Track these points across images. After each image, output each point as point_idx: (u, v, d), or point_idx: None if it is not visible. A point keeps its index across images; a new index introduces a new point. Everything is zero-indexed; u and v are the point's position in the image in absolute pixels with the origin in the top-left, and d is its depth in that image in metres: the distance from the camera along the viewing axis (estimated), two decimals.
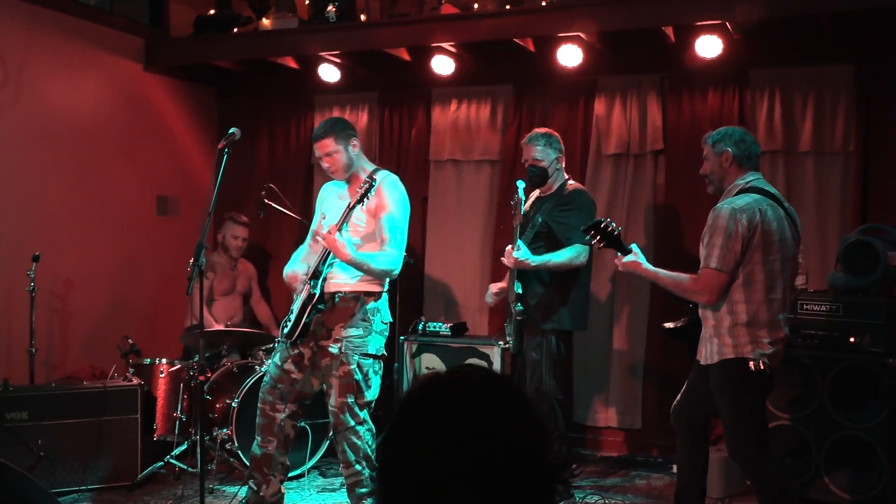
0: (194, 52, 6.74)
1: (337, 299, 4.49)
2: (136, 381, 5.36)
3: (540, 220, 5.00)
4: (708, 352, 3.94)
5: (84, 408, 5.16)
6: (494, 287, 5.37)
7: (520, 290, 4.95)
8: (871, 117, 5.53)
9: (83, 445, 5.12)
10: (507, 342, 5.18)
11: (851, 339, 4.74)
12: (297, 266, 4.65)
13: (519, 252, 4.84)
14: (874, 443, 4.59)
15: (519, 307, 4.94)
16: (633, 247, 4.10)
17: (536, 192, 5.22)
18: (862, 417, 4.66)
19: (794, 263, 3.96)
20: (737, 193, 3.91)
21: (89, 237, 6.20)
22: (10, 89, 5.62)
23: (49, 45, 5.91)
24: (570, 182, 5.21)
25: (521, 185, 5.01)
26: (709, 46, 5.58)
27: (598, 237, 4.06)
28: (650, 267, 4.06)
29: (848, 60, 5.58)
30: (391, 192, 4.52)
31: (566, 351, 5.15)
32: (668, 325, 4.38)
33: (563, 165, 5.22)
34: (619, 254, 4.10)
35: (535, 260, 4.90)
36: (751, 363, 3.79)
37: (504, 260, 4.97)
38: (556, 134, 5.20)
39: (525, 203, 5.07)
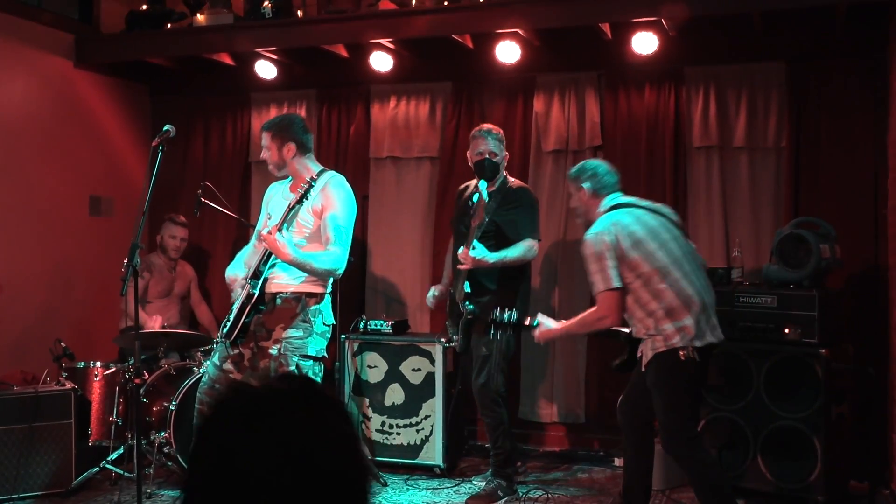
0: (126, 48, 6.63)
1: (278, 300, 4.48)
2: (69, 385, 5.26)
3: (487, 219, 5.03)
4: (644, 355, 4.14)
5: (15, 414, 5.05)
6: (435, 290, 5.45)
7: (469, 290, 5.00)
8: (803, 113, 5.68)
9: (15, 452, 5.01)
10: (451, 340, 5.23)
11: (786, 331, 4.87)
12: (239, 268, 4.64)
13: (476, 251, 4.89)
14: (809, 432, 4.75)
15: (469, 306, 4.99)
16: (539, 318, 4.40)
17: (473, 192, 5.26)
18: (797, 408, 4.81)
19: (680, 243, 4.17)
20: (599, 216, 4.24)
21: (18, 238, 6.07)
22: None
23: None
24: (511, 179, 5.29)
25: (483, 185, 5.08)
26: (644, 43, 5.67)
27: (506, 328, 4.50)
28: (559, 325, 4.36)
29: (780, 58, 5.73)
30: (336, 191, 4.52)
31: (515, 346, 5.28)
32: (616, 361, 4.54)
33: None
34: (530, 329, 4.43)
35: (492, 257, 4.96)
36: (681, 352, 3.98)
37: (461, 261, 4.97)
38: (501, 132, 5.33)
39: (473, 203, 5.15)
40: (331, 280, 4.59)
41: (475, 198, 5.16)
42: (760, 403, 4.90)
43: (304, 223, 4.48)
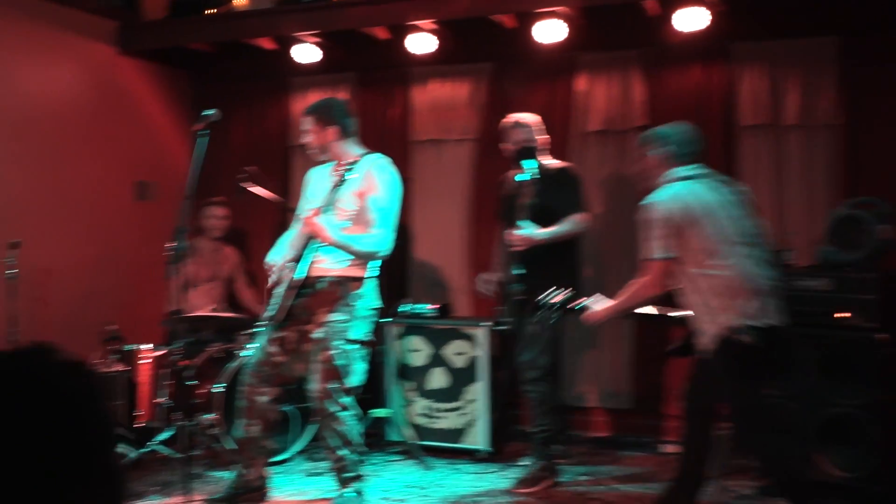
0: (168, 34, 6.72)
1: (321, 284, 4.53)
2: (119, 367, 5.37)
3: (533, 201, 5.05)
4: (699, 337, 4.00)
5: None
6: (487, 276, 5.46)
7: (519, 271, 5.03)
8: (858, 90, 5.59)
9: None
10: (502, 323, 5.28)
11: (842, 315, 4.76)
12: (281, 253, 4.69)
13: (525, 230, 4.93)
14: (865, 420, 4.59)
15: (518, 286, 5.02)
16: (590, 300, 4.30)
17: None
18: (853, 395, 4.64)
19: (741, 224, 4.03)
20: (665, 184, 4.10)
21: (66, 224, 6.20)
22: None
23: (19, 29, 5.88)
24: (551, 161, 5.31)
25: (530, 164, 5.08)
26: (690, 19, 5.61)
27: (554, 309, 4.34)
28: (609, 303, 4.24)
29: (833, 32, 5.63)
30: (379, 174, 4.56)
31: (561, 325, 5.28)
32: (671, 347, 4.46)
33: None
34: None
35: (542, 234, 4.99)
36: (738, 337, 3.83)
37: (511, 243, 5.01)
38: (539, 118, 5.39)
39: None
40: (375, 264, 4.63)
41: (520, 178, 5.15)
42: (815, 390, 4.77)
43: (347, 206, 4.51)
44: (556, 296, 4.34)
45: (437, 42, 6.23)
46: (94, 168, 6.44)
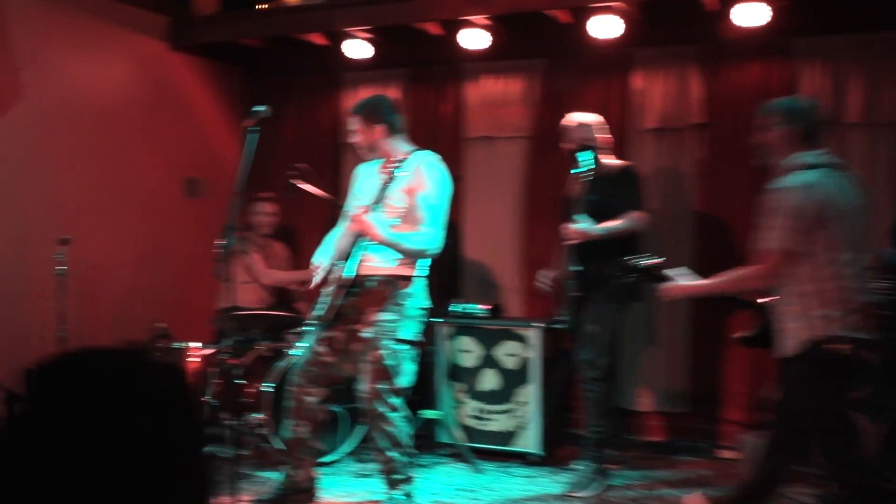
0: (220, 30, 6.75)
1: (370, 283, 4.50)
2: None
3: (592, 199, 5.00)
4: (784, 343, 3.76)
5: None
6: (547, 273, 5.40)
7: (577, 267, 4.99)
8: None
9: None
10: (559, 321, 5.27)
11: None
12: (327, 253, 4.67)
13: (581, 224, 4.90)
14: None
15: (575, 283, 4.99)
16: (677, 271, 3.97)
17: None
18: None
19: (858, 228, 3.77)
20: (793, 170, 3.76)
21: (115, 220, 6.25)
22: (32, 71, 5.64)
23: (72, 24, 5.93)
24: (610, 161, 5.27)
25: (586, 156, 5.04)
26: (750, 14, 5.49)
27: (637, 273, 4.03)
28: (700, 282, 3.93)
29: None
30: (429, 171, 4.51)
31: (620, 324, 5.26)
32: (743, 334, 4.16)
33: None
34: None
35: (598, 229, 4.95)
36: (830, 346, 3.62)
37: (566, 235, 4.99)
38: (601, 118, 5.34)
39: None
40: (425, 263, 4.59)
41: (575, 172, 5.11)
42: (883, 396, 4.65)
43: (396, 203, 4.48)
44: (645, 260, 4.02)
45: (490, 37, 6.17)
46: (145, 164, 6.49)
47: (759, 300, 3.97)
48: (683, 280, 3.95)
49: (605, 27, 5.76)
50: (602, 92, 6.19)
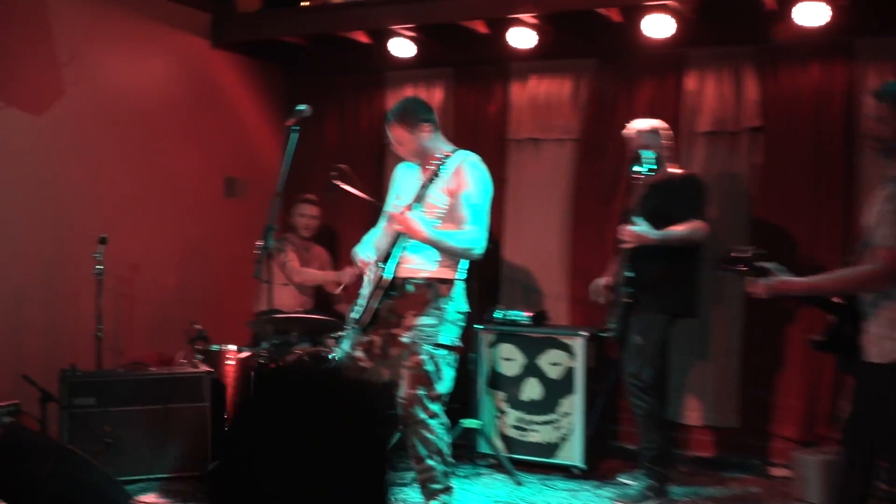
0: (262, 27, 6.77)
1: (409, 286, 4.46)
2: (204, 368, 5.42)
3: (651, 205, 4.94)
4: (882, 349, 3.49)
5: (152, 395, 5.22)
6: (603, 281, 5.35)
7: (630, 273, 4.94)
8: None
9: (151, 433, 5.19)
10: (609, 327, 5.21)
11: None
12: (368, 249, 4.64)
13: (639, 227, 4.85)
14: None
15: (627, 289, 4.94)
16: (773, 267, 3.72)
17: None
18: None
19: None
20: None
21: (155, 220, 6.29)
22: (73, 68, 5.68)
23: (114, 21, 5.98)
24: (675, 170, 5.24)
25: (649, 154, 4.98)
26: (811, 13, 5.39)
27: (742, 267, 3.77)
28: (801, 280, 3.65)
29: None
30: (471, 171, 4.47)
31: (670, 336, 5.18)
32: (817, 338, 3.91)
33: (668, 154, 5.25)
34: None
35: (655, 234, 4.89)
36: None
37: (623, 240, 4.95)
38: (663, 125, 5.27)
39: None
40: (464, 266, 4.55)
41: (636, 169, 5.04)
42: None
43: (437, 203, 4.43)
44: (747, 252, 3.79)
45: (539, 36, 6.13)
46: (185, 163, 6.52)
47: (838, 301, 3.74)
48: (782, 276, 3.68)
49: (658, 26, 5.68)
50: (654, 93, 6.11)
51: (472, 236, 4.39)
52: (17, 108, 5.37)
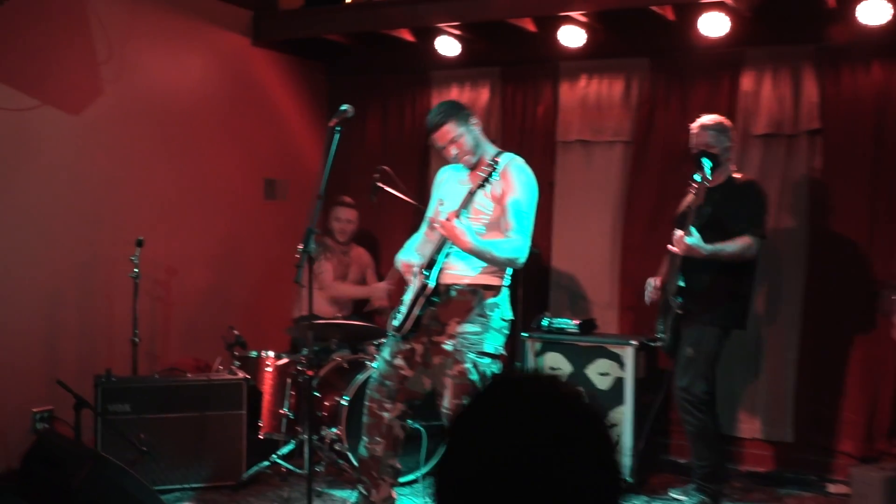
0: (304, 25, 6.78)
1: (453, 292, 4.42)
2: (241, 374, 5.43)
3: (708, 211, 4.87)
4: None
5: (188, 402, 5.24)
6: (655, 281, 5.26)
7: (682, 283, 4.90)
8: None
9: (186, 441, 5.21)
10: (658, 337, 5.15)
11: None
12: (411, 255, 4.61)
13: (692, 238, 4.77)
14: None
15: (679, 300, 4.89)
16: None
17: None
18: None
19: None
20: None
21: (193, 222, 6.31)
22: (112, 65, 5.73)
23: (153, 18, 6.01)
24: (738, 174, 5.15)
25: (707, 163, 4.91)
26: (875, 12, 5.28)
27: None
28: None
29: None
30: (518, 175, 4.41)
31: (722, 349, 5.09)
32: None
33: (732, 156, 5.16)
34: None
35: (707, 248, 4.81)
36: None
37: (673, 246, 4.89)
38: (728, 123, 5.15)
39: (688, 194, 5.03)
40: (509, 272, 4.51)
41: (695, 178, 4.98)
42: None
43: (483, 209, 4.39)
44: None
45: (589, 35, 6.07)
46: (224, 164, 6.55)
47: None
48: None
49: (714, 25, 5.60)
50: (708, 94, 6.02)
51: (517, 245, 4.33)
52: (54, 107, 5.42)
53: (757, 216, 4.99)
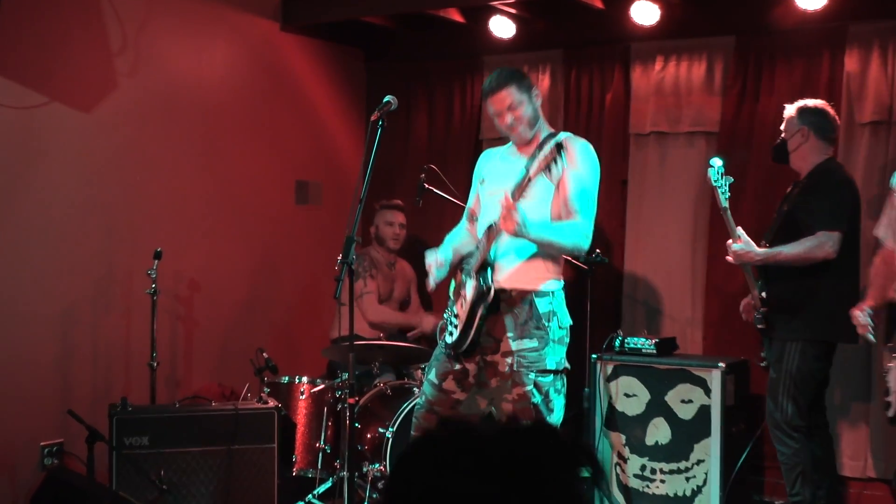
0: (339, 5, 6.82)
1: (506, 301, 4.37)
2: (272, 403, 5.46)
3: (785, 209, 4.85)
4: None
5: (212, 434, 5.27)
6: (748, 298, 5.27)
7: (763, 293, 4.91)
8: None
9: (211, 479, 5.24)
10: (762, 356, 5.22)
11: None
12: (447, 253, 4.56)
13: (739, 244, 4.78)
14: None
15: (761, 314, 4.93)
16: None
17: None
18: None
19: None
20: None
21: (217, 230, 6.37)
22: (128, 56, 5.81)
23: (171, 3, 6.08)
24: (822, 165, 5.10)
25: (716, 162, 4.94)
26: None
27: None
28: None
29: None
30: (582, 152, 4.40)
31: (816, 366, 5.01)
32: None
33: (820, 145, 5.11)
34: None
35: (759, 253, 4.83)
36: None
37: (728, 256, 4.93)
38: (824, 107, 5.13)
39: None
40: (559, 270, 4.48)
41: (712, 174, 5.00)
42: None
43: (541, 194, 4.34)
44: None
45: (665, 11, 6.06)
46: (251, 164, 6.60)
47: None
48: None
49: None
50: (805, 77, 5.97)
51: (582, 230, 4.30)
52: (63, 104, 5.50)
53: (830, 209, 4.92)
